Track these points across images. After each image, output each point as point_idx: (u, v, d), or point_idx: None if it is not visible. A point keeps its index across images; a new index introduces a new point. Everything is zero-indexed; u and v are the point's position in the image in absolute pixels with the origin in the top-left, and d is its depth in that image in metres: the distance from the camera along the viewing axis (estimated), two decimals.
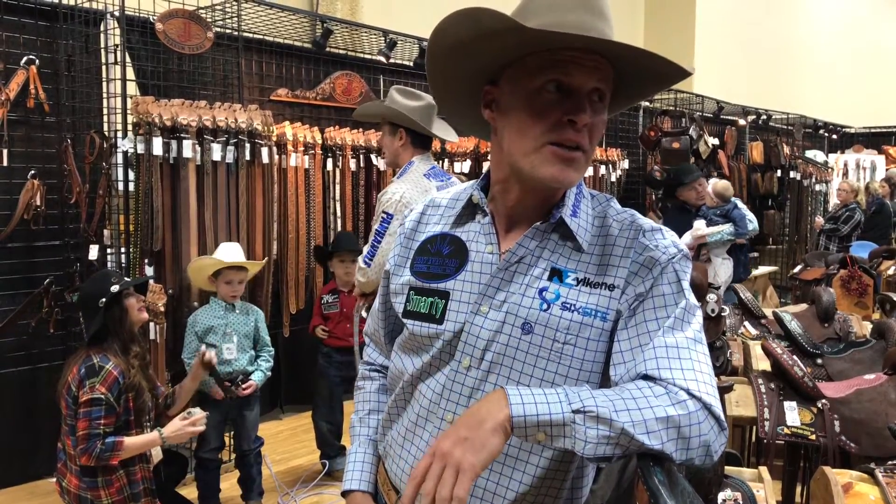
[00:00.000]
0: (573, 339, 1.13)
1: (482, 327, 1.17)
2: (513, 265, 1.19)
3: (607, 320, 1.14)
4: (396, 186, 3.05)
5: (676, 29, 10.02)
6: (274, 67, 4.73)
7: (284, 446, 4.32)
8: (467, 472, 0.94)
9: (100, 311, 2.57)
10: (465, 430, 0.98)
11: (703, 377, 1.06)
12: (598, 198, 1.26)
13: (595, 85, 1.11)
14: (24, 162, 3.63)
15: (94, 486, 2.54)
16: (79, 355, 2.61)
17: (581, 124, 1.10)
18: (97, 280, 2.72)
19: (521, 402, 0.98)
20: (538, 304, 1.15)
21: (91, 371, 2.51)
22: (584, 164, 1.14)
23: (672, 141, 6.88)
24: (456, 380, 1.19)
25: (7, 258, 3.61)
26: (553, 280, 1.16)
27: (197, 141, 3.73)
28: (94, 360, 2.54)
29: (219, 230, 3.85)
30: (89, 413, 2.48)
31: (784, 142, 9.05)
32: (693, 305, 1.14)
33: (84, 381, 2.50)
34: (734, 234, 4.97)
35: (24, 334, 3.68)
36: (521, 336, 1.15)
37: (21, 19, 3.62)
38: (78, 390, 2.51)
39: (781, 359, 2.41)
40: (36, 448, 3.79)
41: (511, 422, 0.98)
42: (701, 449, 1.02)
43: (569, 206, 1.20)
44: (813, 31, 12.46)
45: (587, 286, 1.15)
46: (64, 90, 3.78)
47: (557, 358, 1.14)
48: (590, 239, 1.19)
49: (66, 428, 2.59)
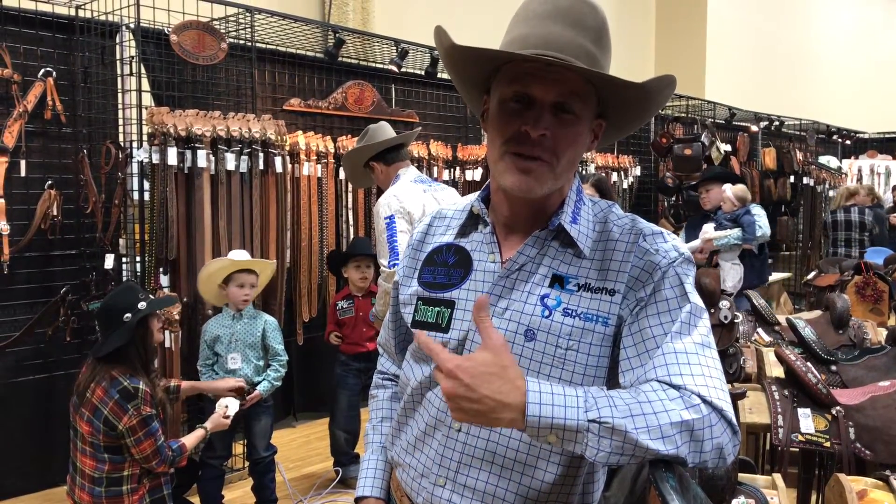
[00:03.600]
0: (576, 344, 1.15)
1: None
2: (514, 273, 1.21)
3: (609, 325, 1.15)
4: (386, 193, 3.40)
5: (687, 36, 10.01)
6: (287, 77, 4.77)
7: (298, 454, 4.33)
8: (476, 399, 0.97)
9: (123, 325, 2.53)
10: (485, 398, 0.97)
11: (713, 381, 1.07)
12: (600, 204, 1.28)
13: (555, 98, 1.13)
14: (42, 172, 3.68)
15: (119, 495, 2.54)
16: (100, 375, 2.53)
17: (535, 136, 1.11)
18: (122, 293, 2.65)
19: (539, 401, 0.97)
20: (540, 310, 1.17)
21: (127, 395, 2.49)
22: (547, 174, 1.15)
23: (684, 147, 6.86)
24: None
25: (25, 267, 3.66)
26: (554, 287, 1.18)
27: (211, 151, 3.77)
28: (124, 383, 2.50)
29: (233, 239, 3.88)
30: (149, 431, 2.52)
31: (797, 147, 9.01)
32: (699, 308, 1.14)
33: (125, 406, 2.48)
34: (741, 239, 4.93)
35: (42, 342, 3.72)
36: (525, 343, 1.16)
37: (39, 32, 3.67)
38: (119, 417, 2.48)
39: (795, 365, 2.40)
40: (52, 455, 3.82)
41: (526, 420, 0.97)
42: (714, 452, 1.02)
43: (568, 213, 1.21)
44: (825, 36, 12.41)
45: (588, 291, 1.17)
46: (80, 101, 3.83)
47: (561, 364, 1.15)
48: (590, 244, 1.21)
49: (86, 448, 2.55)
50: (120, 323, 2.54)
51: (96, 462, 2.54)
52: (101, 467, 2.54)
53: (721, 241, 4.86)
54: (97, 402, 2.50)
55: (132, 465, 2.56)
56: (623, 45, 9.30)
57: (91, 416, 2.51)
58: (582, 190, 1.27)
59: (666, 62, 10.11)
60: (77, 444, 2.59)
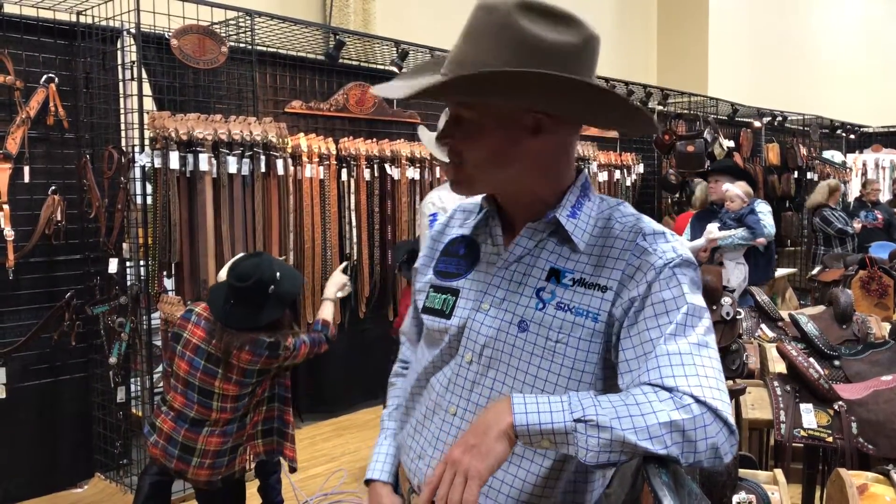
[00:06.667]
0: (565, 337, 1.17)
1: (482, 323, 1.23)
2: (512, 264, 1.25)
3: (598, 321, 1.16)
4: (431, 193, 3.50)
5: (690, 32, 9.99)
6: (288, 80, 4.78)
7: (303, 455, 4.34)
8: (475, 478, 1.01)
9: (270, 297, 2.66)
10: (473, 438, 1.04)
11: (708, 381, 1.06)
12: (608, 201, 1.29)
13: (453, 111, 1.22)
14: (45, 178, 3.70)
15: (242, 427, 2.73)
16: (239, 340, 2.61)
17: (443, 144, 1.23)
18: (266, 265, 2.70)
19: (525, 411, 1.03)
20: (535, 303, 1.20)
21: (273, 347, 2.65)
22: (462, 174, 1.23)
23: (687, 144, 6.85)
24: (459, 373, 1.26)
25: (29, 272, 3.68)
26: (551, 280, 1.21)
27: (213, 154, 3.78)
28: (268, 340, 2.64)
29: (235, 242, 3.89)
30: (296, 351, 2.73)
31: (801, 143, 8.98)
32: (698, 309, 1.13)
33: (276, 353, 2.66)
34: (746, 239, 4.89)
35: (47, 347, 3.73)
36: (518, 334, 1.20)
37: (41, 38, 3.69)
38: (269, 363, 2.66)
39: (797, 361, 2.40)
40: (59, 459, 3.84)
41: (514, 429, 1.02)
42: (709, 451, 1.03)
43: (567, 207, 1.23)
44: (828, 30, 12.37)
45: (582, 286, 1.18)
46: (82, 107, 3.85)
47: (550, 356, 1.18)
48: (588, 240, 1.22)
49: (226, 406, 2.66)
50: (267, 295, 2.65)
51: (235, 412, 2.69)
52: (240, 412, 2.71)
53: (725, 241, 4.82)
54: (245, 365, 2.63)
55: (259, 393, 2.76)
56: (625, 42, 9.29)
57: (240, 377, 2.65)
58: (589, 187, 1.28)
59: (668, 59, 10.09)
60: (213, 405, 2.66)
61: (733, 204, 4.96)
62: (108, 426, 3.90)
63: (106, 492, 3.86)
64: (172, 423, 2.68)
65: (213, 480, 2.68)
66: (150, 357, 3.72)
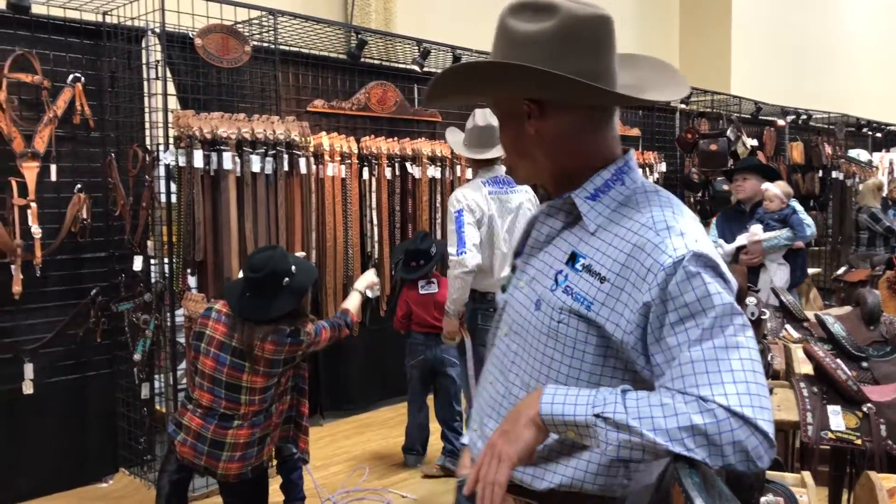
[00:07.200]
0: (566, 318, 1.21)
1: (516, 299, 1.33)
2: (540, 244, 1.33)
3: (591, 310, 1.18)
4: (457, 191, 3.62)
5: (712, 29, 9.90)
6: (310, 79, 4.80)
7: (324, 452, 4.36)
8: (505, 461, 1.11)
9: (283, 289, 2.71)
10: (507, 424, 1.14)
11: (736, 387, 1.03)
12: (646, 186, 1.26)
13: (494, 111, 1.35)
14: (72, 176, 3.74)
15: (269, 416, 2.76)
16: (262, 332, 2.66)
17: None
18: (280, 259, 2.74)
19: (551, 402, 1.11)
20: (550, 284, 1.25)
21: (295, 334, 2.72)
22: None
23: (710, 143, 6.79)
24: (499, 346, 1.36)
25: (56, 270, 3.72)
26: (568, 264, 1.24)
27: (236, 153, 3.81)
28: (289, 329, 2.70)
29: (259, 240, 3.92)
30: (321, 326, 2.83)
31: (825, 141, 8.87)
32: (726, 308, 1.09)
33: (298, 341, 2.72)
34: (791, 240, 4.78)
35: (73, 344, 3.78)
36: (534, 311, 1.26)
37: (67, 38, 3.73)
38: (295, 353, 2.72)
39: (824, 362, 2.37)
40: (85, 454, 3.89)
41: (541, 418, 1.11)
42: (738, 455, 1.01)
43: (588, 189, 1.25)
44: (853, 26, 12.20)
45: (587, 273, 1.21)
46: (108, 106, 3.89)
47: (555, 335, 1.22)
48: (602, 223, 1.22)
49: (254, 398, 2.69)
50: (280, 286, 2.70)
51: (263, 403, 2.73)
52: (267, 402, 2.74)
53: (771, 243, 4.70)
54: (270, 356, 2.68)
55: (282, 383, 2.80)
56: (647, 40, 9.22)
57: (267, 368, 2.69)
58: (628, 171, 1.26)
59: (690, 56, 10.00)
60: (241, 399, 2.69)
61: (772, 204, 4.82)
62: (132, 422, 3.94)
63: (130, 487, 3.90)
64: (201, 421, 2.70)
65: (243, 472, 2.70)
66: (173, 354, 3.75)
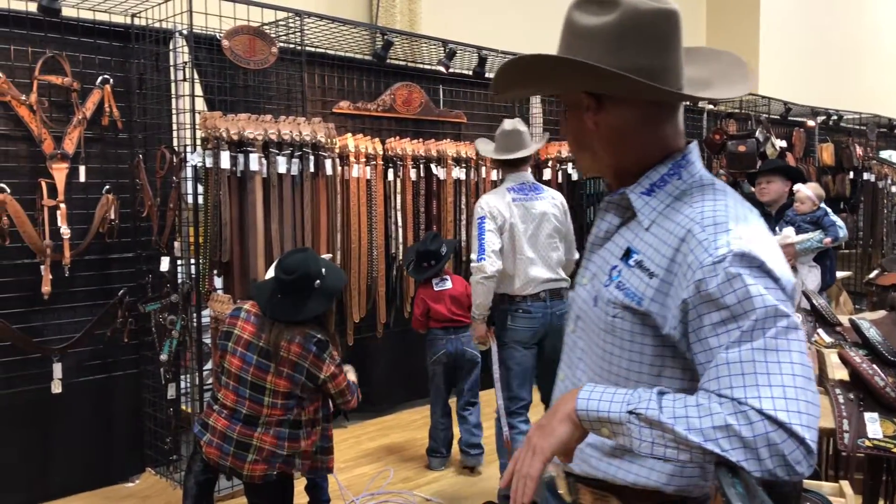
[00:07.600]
0: (621, 314, 1.21)
1: (579, 296, 1.35)
2: (599, 240, 1.33)
3: (642, 305, 1.18)
4: (482, 198, 3.66)
5: (740, 28, 9.79)
6: (336, 80, 4.80)
7: (349, 454, 4.36)
8: (538, 454, 1.13)
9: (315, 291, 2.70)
10: (545, 419, 1.16)
11: (772, 391, 1.00)
12: (704, 179, 1.24)
13: None
14: (100, 178, 3.78)
15: (296, 438, 2.72)
16: (290, 333, 2.66)
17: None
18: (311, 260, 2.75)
19: (588, 398, 1.11)
20: (606, 280, 1.26)
21: (322, 346, 2.69)
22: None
23: (738, 144, 6.70)
24: (566, 341, 1.40)
25: (84, 270, 3.76)
26: (622, 259, 1.24)
27: (263, 154, 3.82)
28: (317, 336, 2.69)
29: (285, 241, 3.92)
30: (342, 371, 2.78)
31: (856, 142, 8.73)
32: (769, 310, 1.05)
33: (322, 356, 2.68)
34: (822, 242, 4.70)
35: (100, 344, 3.81)
36: (592, 307, 1.28)
37: (96, 41, 3.77)
38: (319, 367, 2.68)
39: (861, 368, 2.31)
40: (112, 453, 3.91)
41: (576, 413, 1.11)
42: (776, 459, 0.99)
43: (644, 184, 1.25)
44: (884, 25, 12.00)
45: (639, 269, 1.20)
46: (136, 107, 3.92)
47: (612, 330, 1.23)
48: (656, 218, 1.22)
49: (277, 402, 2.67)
50: (312, 289, 2.70)
51: (285, 411, 2.70)
52: (290, 413, 2.71)
53: (804, 246, 4.64)
54: (296, 359, 2.66)
55: (310, 411, 2.76)
56: None
57: (291, 371, 2.67)
58: (688, 165, 1.24)
59: None
60: (264, 400, 2.68)
61: (803, 206, 4.75)
62: (158, 422, 3.96)
63: (156, 487, 3.92)
64: (226, 421, 2.71)
65: (268, 474, 2.69)
66: (199, 354, 3.77)
